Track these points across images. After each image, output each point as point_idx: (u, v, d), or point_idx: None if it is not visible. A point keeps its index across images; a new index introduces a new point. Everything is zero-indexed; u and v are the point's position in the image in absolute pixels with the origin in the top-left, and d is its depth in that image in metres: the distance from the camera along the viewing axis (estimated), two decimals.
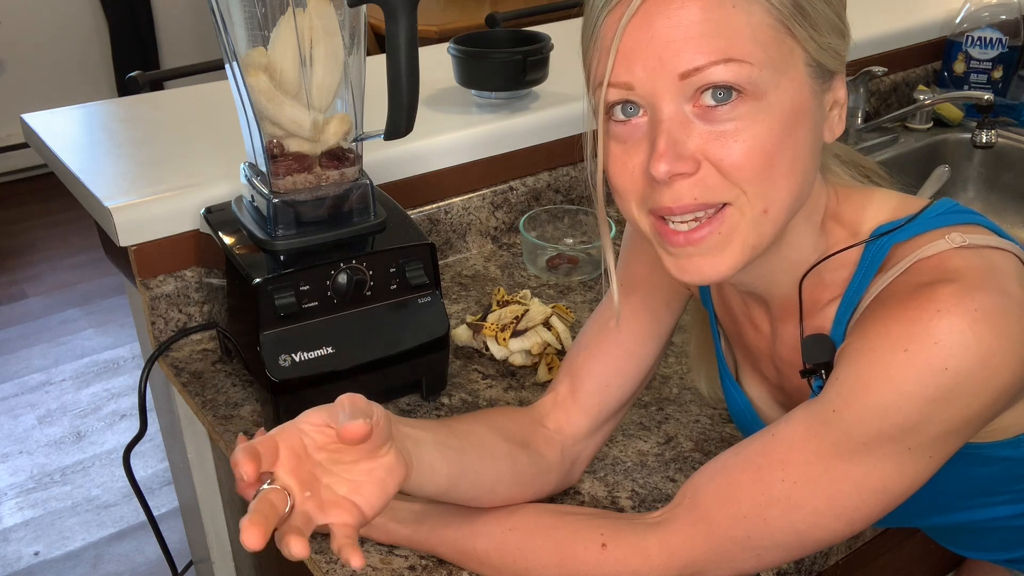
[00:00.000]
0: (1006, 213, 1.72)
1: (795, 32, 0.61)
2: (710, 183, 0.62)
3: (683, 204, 0.62)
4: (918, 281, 0.64)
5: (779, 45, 0.61)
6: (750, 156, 0.61)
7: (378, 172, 1.22)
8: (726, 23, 0.59)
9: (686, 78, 0.60)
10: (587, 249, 1.30)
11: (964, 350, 0.59)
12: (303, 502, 0.59)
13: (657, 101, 0.61)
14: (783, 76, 0.61)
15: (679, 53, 0.59)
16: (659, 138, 0.61)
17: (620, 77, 0.61)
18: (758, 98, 0.60)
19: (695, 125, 0.61)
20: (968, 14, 1.80)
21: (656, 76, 0.60)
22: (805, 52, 0.62)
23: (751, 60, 0.59)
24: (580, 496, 0.90)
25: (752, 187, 0.62)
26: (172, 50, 4.18)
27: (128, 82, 1.52)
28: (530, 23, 1.84)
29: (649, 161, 0.62)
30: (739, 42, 0.59)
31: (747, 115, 0.60)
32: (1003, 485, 0.77)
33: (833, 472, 0.64)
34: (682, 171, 0.61)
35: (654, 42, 0.60)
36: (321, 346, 0.95)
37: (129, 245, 1.09)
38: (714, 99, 0.60)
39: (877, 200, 0.73)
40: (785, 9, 0.60)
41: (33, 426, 2.57)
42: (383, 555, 0.83)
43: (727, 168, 0.61)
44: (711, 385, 0.99)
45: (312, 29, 0.89)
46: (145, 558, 2.13)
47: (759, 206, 0.63)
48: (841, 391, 0.64)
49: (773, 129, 0.61)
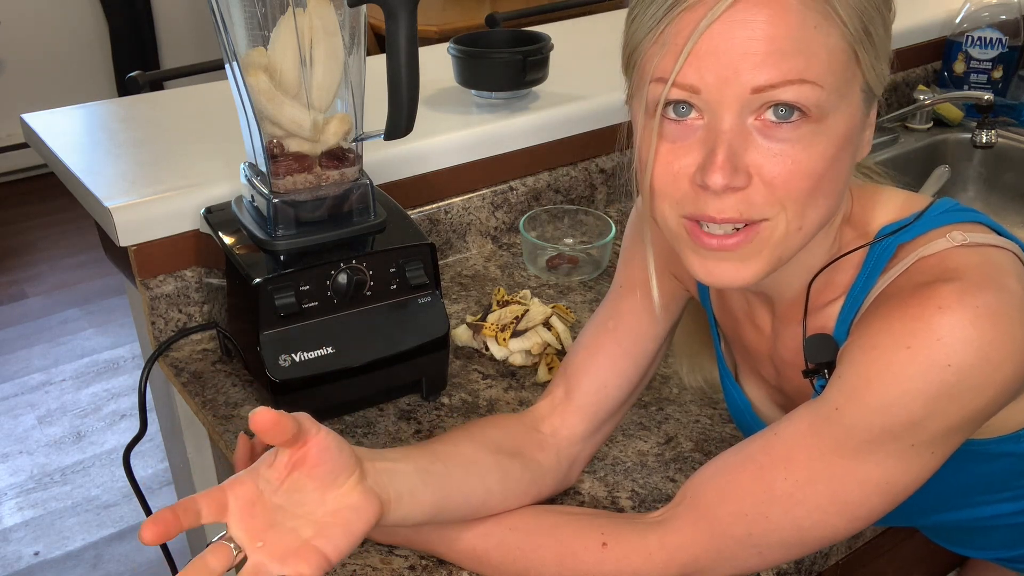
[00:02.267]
0: (1006, 213, 1.72)
1: (860, 58, 0.61)
2: (756, 200, 0.61)
3: (727, 216, 0.62)
4: (919, 280, 0.64)
5: (845, 71, 0.61)
6: (802, 178, 0.61)
7: (378, 172, 1.22)
8: (806, 44, 0.58)
9: (757, 92, 0.59)
10: (587, 249, 1.30)
11: (966, 346, 0.59)
12: (254, 552, 0.59)
13: (722, 110, 0.60)
14: (843, 100, 0.61)
15: (756, 67, 0.58)
16: (719, 148, 0.60)
17: (688, 79, 0.60)
18: (819, 121, 0.60)
19: (754, 139, 0.61)
20: (968, 14, 1.80)
21: (727, 85, 0.59)
22: (863, 79, 0.62)
23: (823, 84, 0.59)
24: (580, 496, 0.90)
25: (795, 206, 0.62)
26: (172, 50, 4.18)
27: (128, 82, 1.52)
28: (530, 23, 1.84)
29: (702, 169, 0.61)
30: (815, 64, 0.59)
31: (806, 137, 0.60)
32: (1005, 481, 0.77)
33: (836, 469, 0.65)
34: (737, 185, 0.60)
35: (732, 51, 0.58)
36: (321, 346, 0.95)
37: (129, 245, 1.09)
38: (776, 116, 0.60)
39: (883, 199, 0.73)
40: (857, 34, 0.60)
41: (33, 426, 2.57)
42: (383, 555, 0.83)
43: (778, 186, 0.61)
44: (692, 372, 0.99)
45: (312, 29, 0.89)
46: (145, 558, 2.13)
47: (795, 224, 0.63)
48: (844, 389, 0.64)
49: (827, 153, 0.61)
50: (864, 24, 0.60)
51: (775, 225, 0.63)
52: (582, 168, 1.44)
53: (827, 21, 0.59)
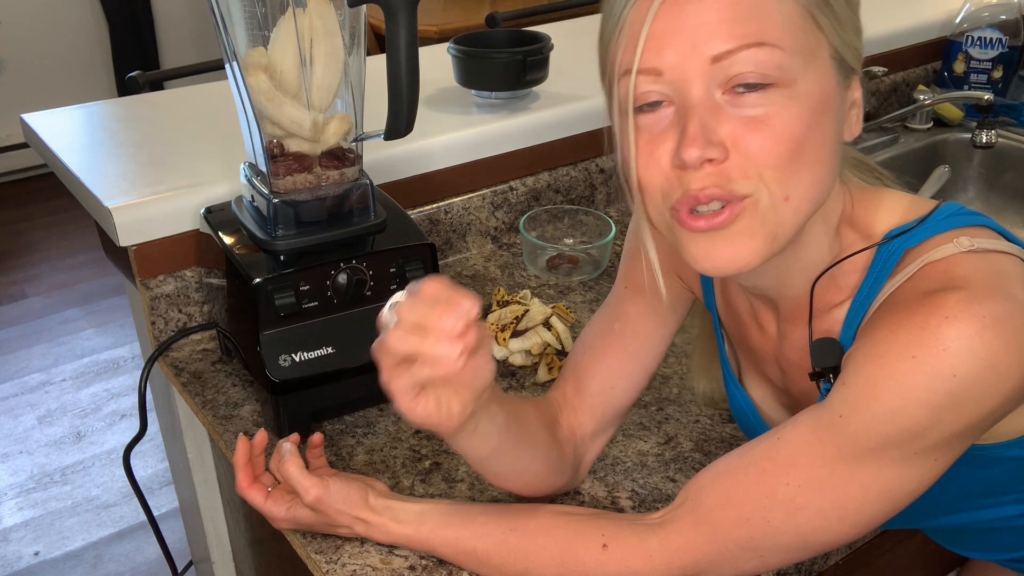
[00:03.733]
0: (1006, 213, 1.72)
1: (821, 23, 0.62)
2: (735, 174, 0.62)
3: (708, 192, 0.62)
4: (926, 287, 0.64)
5: (807, 34, 0.61)
6: (779, 142, 0.61)
7: (378, 172, 1.22)
8: (757, 8, 0.60)
9: (717, 61, 0.60)
10: (587, 249, 1.30)
11: (972, 356, 0.59)
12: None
13: (687, 86, 0.61)
14: (810, 65, 0.62)
15: (711, 36, 0.60)
16: (690, 123, 0.61)
17: (649, 63, 0.61)
18: (787, 85, 0.61)
19: (725, 110, 0.61)
20: (968, 14, 1.80)
21: (687, 60, 0.60)
22: (830, 44, 0.63)
23: (782, 45, 0.60)
24: (580, 496, 0.90)
25: (775, 174, 0.62)
26: (172, 50, 4.18)
27: (128, 82, 1.52)
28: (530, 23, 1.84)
29: (678, 148, 0.61)
30: (770, 27, 0.60)
31: (777, 102, 0.61)
32: (1009, 485, 0.77)
33: (838, 476, 0.64)
34: (713, 156, 0.61)
35: (685, 26, 0.60)
36: (321, 346, 0.95)
37: (129, 245, 1.09)
38: (745, 87, 0.61)
39: (888, 203, 0.73)
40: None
41: (33, 426, 2.57)
42: (383, 555, 0.83)
43: (755, 153, 0.61)
44: (709, 387, 0.99)
45: (312, 29, 0.89)
46: (145, 558, 2.13)
47: (779, 193, 0.62)
48: (848, 396, 0.64)
49: (802, 116, 0.61)
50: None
51: (757, 199, 0.62)
52: (582, 168, 1.44)
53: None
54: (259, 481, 0.85)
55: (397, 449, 0.96)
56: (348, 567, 0.82)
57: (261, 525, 1.10)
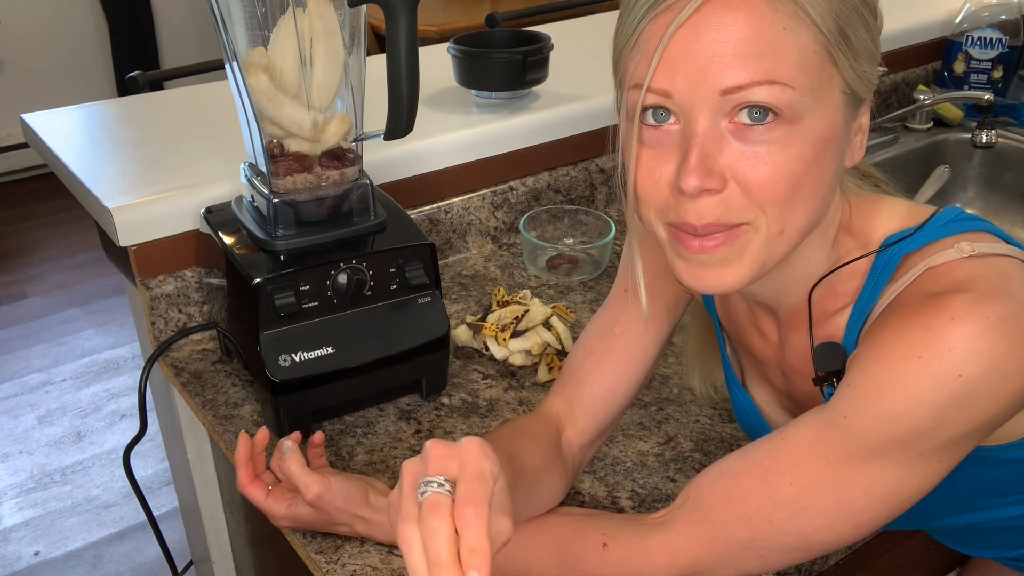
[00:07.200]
0: (1006, 213, 1.72)
1: (837, 60, 0.61)
2: (733, 204, 0.62)
3: (706, 223, 0.62)
4: (930, 290, 0.64)
5: (820, 72, 0.61)
6: (777, 179, 0.61)
7: (378, 172, 1.22)
8: (774, 45, 0.59)
9: (727, 94, 0.59)
10: (587, 249, 1.30)
11: (977, 357, 0.59)
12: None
13: (694, 113, 0.61)
14: (819, 103, 0.61)
15: (724, 69, 0.59)
16: (692, 151, 0.61)
17: (660, 84, 0.61)
18: (793, 122, 0.60)
19: (728, 142, 0.61)
20: (968, 14, 1.80)
21: (697, 88, 0.60)
22: (843, 80, 0.62)
23: (794, 85, 0.59)
24: (580, 496, 0.90)
25: (773, 209, 0.62)
26: (172, 50, 4.18)
27: (128, 82, 1.52)
28: (530, 23, 1.84)
29: (678, 174, 0.61)
30: (785, 65, 0.59)
31: (781, 138, 0.60)
32: (1013, 486, 0.77)
33: (842, 476, 0.64)
34: (711, 187, 0.61)
35: (700, 55, 0.59)
36: (321, 346, 0.95)
37: (129, 245, 1.09)
38: (750, 118, 0.60)
39: (886, 209, 0.73)
40: (831, 36, 0.60)
41: (33, 426, 2.57)
42: (383, 555, 0.83)
43: (753, 188, 0.61)
44: (704, 382, 1.00)
45: (312, 29, 0.89)
46: (145, 558, 2.13)
47: (776, 228, 0.63)
48: (852, 397, 0.64)
49: (803, 155, 0.61)
50: (840, 26, 0.60)
51: (755, 229, 0.63)
52: (582, 168, 1.44)
53: (797, 23, 0.59)
54: (260, 479, 0.85)
55: (397, 449, 0.96)
56: (348, 567, 0.82)
57: (261, 525, 1.10)
